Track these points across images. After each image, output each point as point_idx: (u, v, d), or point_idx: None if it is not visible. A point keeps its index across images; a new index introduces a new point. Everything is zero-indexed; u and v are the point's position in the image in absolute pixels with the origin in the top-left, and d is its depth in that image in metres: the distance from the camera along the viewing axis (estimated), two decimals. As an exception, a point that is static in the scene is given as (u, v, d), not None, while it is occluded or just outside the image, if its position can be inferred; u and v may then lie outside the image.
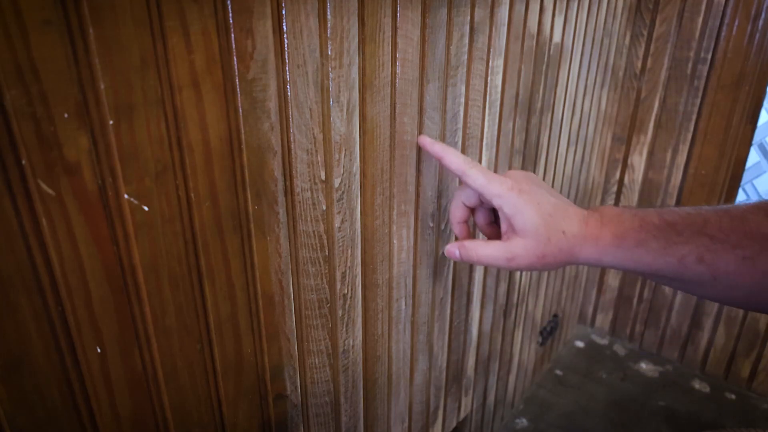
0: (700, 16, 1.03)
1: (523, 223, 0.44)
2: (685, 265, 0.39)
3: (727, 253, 0.38)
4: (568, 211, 0.45)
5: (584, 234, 0.43)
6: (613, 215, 0.43)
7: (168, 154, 0.32)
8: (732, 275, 0.38)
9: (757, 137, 1.07)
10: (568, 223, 0.44)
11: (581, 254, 0.44)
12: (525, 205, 0.44)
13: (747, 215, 0.38)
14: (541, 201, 0.45)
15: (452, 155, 0.47)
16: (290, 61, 0.37)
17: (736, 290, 0.38)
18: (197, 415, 0.39)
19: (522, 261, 0.45)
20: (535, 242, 0.44)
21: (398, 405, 0.65)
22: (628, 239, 0.41)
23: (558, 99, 0.85)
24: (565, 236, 0.44)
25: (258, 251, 0.40)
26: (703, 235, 0.39)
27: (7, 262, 0.26)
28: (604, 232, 0.43)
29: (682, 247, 0.39)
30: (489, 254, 0.46)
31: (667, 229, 0.40)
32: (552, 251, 0.44)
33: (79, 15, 0.26)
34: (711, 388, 1.19)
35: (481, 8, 0.57)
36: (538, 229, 0.44)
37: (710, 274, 0.39)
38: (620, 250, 0.42)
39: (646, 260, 0.41)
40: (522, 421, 1.07)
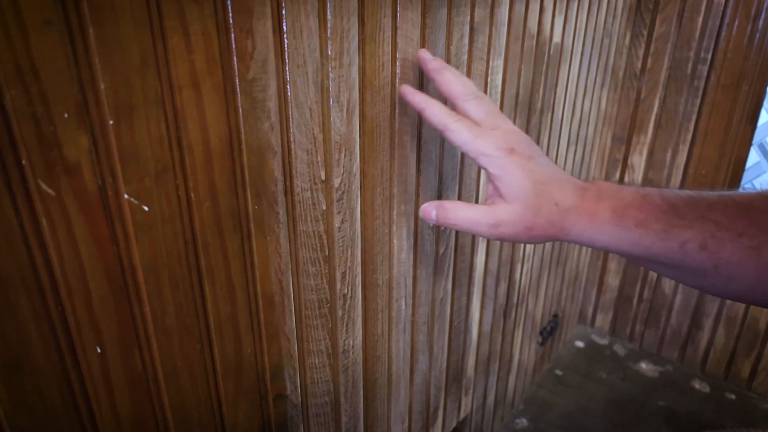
0: (700, 16, 1.03)
1: (510, 187, 0.40)
2: (686, 252, 0.36)
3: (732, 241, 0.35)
4: (563, 181, 0.41)
5: (579, 207, 0.40)
6: (612, 191, 0.40)
7: (168, 154, 0.32)
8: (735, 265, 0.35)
9: (757, 137, 1.07)
10: (562, 194, 0.40)
11: (573, 229, 0.40)
12: (515, 169, 0.40)
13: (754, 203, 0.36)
14: (533, 168, 0.40)
15: (434, 106, 0.43)
16: (290, 61, 0.37)
17: (735, 282, 0.36)
18: (197, 415, 0.39)
19: (507, 229, 0.40)
20: (523, 210, 0.40)
21: (398, 405, 0.65)
22: (627, 218, 0.38)
23: (558, 99, 0.85)
24: (557, 208, 0.40)
25: (258, 251, 0.40)
26: (708, 221, 0.36)
27: (7, 262, 0.26)
28: (602, 207, 0.39)
29: (685, 232, 0.36)
30: (470, 217, 0.42)
31: (670, 211, 0.37)
32: (541, 223, 0.40)
33: (79, 15, 0.26)
34: (711, 388, 1.19)
35: (481, 8, 0.57)
36: (528, 197, 0.40)
37: (712, 262, 0.36)
38: (617, 228, 0.38)
39: (645, 243, 0.38)
40: (522, 421, 1.07)
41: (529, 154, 0.41)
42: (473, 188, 0.67)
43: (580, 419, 1.08)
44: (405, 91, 0.46)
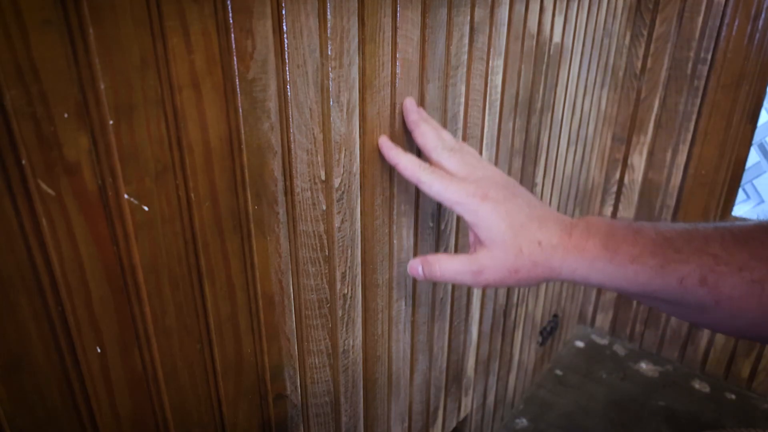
0: (700, 16, 1.03)
1: (488, 232, 0.39)
2: (685, 287, 0.35)
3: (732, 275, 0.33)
4: (546, 220, 0.40)
5: (566, 245, 0.38)
6: (602, 225, 0.39)
7: (168, 154, 0.32)
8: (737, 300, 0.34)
9: (757, 137, 1.07)
10: (545, 233, 0.39)
11: (563, 268, 0.38)
12: (490, 213, 0.39)
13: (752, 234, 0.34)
14: (511, 209, 0.40)
15: (406, 161, 0.43)
16: (290, 61, 0.37)
17: (739, 318, 0.34)
18: (197, 415, 0.39)
19: (491, 275, 0.40)
20: (504, 253, 0.39)
21: (398, 405, 0.65)
22: (620, 253, 0.36)
23: (558, 99, 0.85)
24: (541, 247, 0.38)
25: (258, 251, 0.40)
26: (706, 254, 0.34)
27: (7, 262, 0.26)
28: (592, 243, 0.38)
29: (683, 266, 0.35)
30: (454, 268, 0.41)
31: (665, 245, 0.36)
32: (525, 264, 0.39)
33: (79, 15, 0.26)
34: (711, 388, 1.19)
35: (481, 8, 0.57)
36: (506, 239, 0.39)
37: (713, 298, 0.34)
38: (611, 265, 0.37)
39: (642, 279, 0.36)
40: (522, 421, 1.08)
41: (504, 197, 0.41)
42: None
43: (580, 419, 1.08)
44: (382, 144, 0.46)
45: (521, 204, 0.41)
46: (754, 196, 1.94)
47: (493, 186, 0.41)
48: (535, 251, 0.39)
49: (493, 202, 0.40)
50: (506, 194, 0.41)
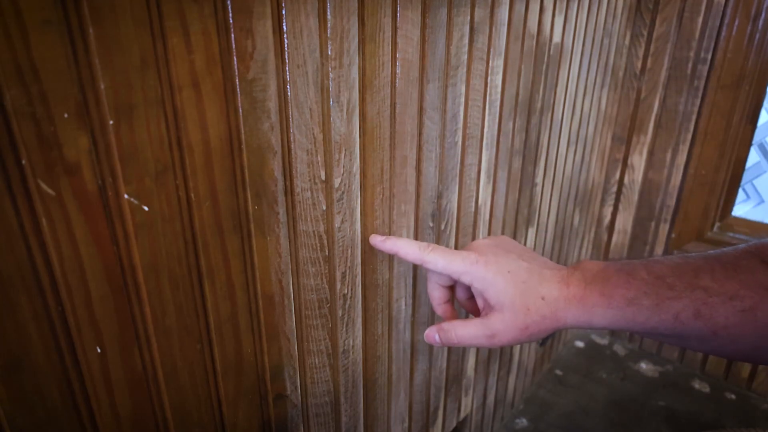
0: (700, 16, 1.03)
1: (496, 296, 0.41)
2: (681, 322, 0.37)
3: (724, 305, 0.35)
4: (544, 273, 0.42)
5: (566, 296, 0.40)
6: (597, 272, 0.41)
7: (168, 154, 0.32)
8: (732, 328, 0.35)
9: (757, 137, 1.07)
10: (546, 287, 0.41)
11: (568, 317, 0.41)
12: (495, 277, 0.42)
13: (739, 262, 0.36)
14: (512, 268, 0.42)
15: (406, 246, 0.45)
16: (290, 61, 0.37)
17: (739, 343, 0.36)
18: (197, 415, 0.39)
19: (504, 337, 0.42)
20: (514, 314, 0.41)
21: (398, 405, 0.65)
22: (616, 298, 0.39)
23: (558, 99, 0.85)
24: (545, 301, 0.41)
25: (258, 251, 0.40)
26: (697, 288, 0.36)
27: (7, 262, 0.26)
28: (589, 292, 0.40)
29: (676, 303, 0.37)
30: (469, 334, 0.43)
31: (657, 284, 0.37)
32: (534, 320, 0.41)
33: (79, 15, 0.26)
34: (711, 388, 1.19)
35: (481, 8, 0.57)
36: (514, 300, 0.41)
37: (709, 329, 0.36)
38: (610, 310, 0.39)
39: (639, 319, 0.38)
40: (522, 421, 1.08)
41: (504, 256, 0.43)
42: (473, 188, 0.67)
43: (580, 419, 1.08)
44: (375, 241, 0.48)
45: (516, 259, 0.43)
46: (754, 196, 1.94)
47: (487, 248, 0.44)
48: (542, 306, 0.41)
49: (494, 265, 0.42)
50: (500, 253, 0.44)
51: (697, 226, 1.15)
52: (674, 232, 1.18)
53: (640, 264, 0.40)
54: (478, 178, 0.68)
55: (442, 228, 0.62)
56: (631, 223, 1.23)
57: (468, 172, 0.65)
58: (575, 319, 0.40)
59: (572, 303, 0.40)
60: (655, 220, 1.20)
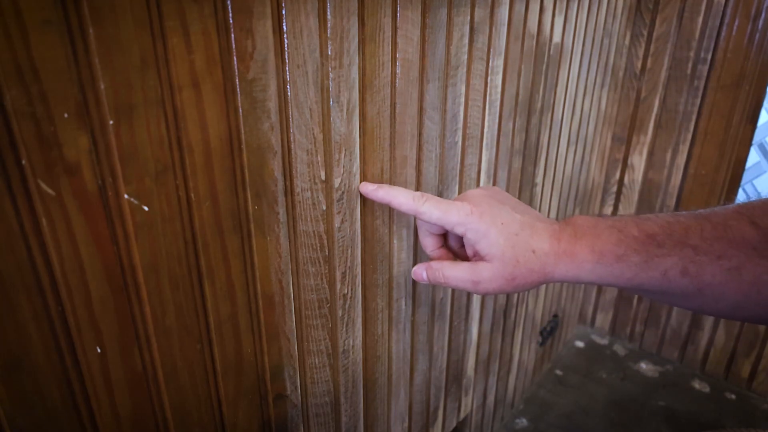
0: (700, 16, 1.03)
1: (488, 246, 0.42)
2: (668, 279, 0.37)
3: (711, 264, 0.36)
4: (536, 226, 0.42)
5: (557, 251, 0.41)
6: (588, 227, 0.41)
7: (168, 154, 0.32)
8: (718, 287, 0.36)
9: (757, 137, 1.07)
10: (537, 241, 0.41)
11: (556, 272, 0.41)
12: (488, 228, 0.42)
13: (728, 222, 0.36)
14: (505, 220, 0.42)
15: (400, 196, 0.44)
16: (290, 61, 0.37)
17: (722, 302, 0.37)
18: (197, 415, 0.39)
19: (489, 285, 0.42)
20: (503, 265, 0.41)
21: (398, 405, 0.65)
22: (606, 254, 0.39)
23: (558, 99, 0.85)
24: (535, 255, 0.41)
25: (258, 251, 0.40)
26: (686, 246, 0.37)
27: (7, 262, 0.26)
28: (580, 247, 0.40)
29: (665, 260, 0.37)
30: (456, 276, 0.44)
31: (647, 241, 0.38)
32: (522, 272, 0.41)
33: (79, 15, 0.26)
34: (711, 388, 1.19)
35: (481, 8, 0.57)
36: (505, 252, 0.41)
37: (695, 286, 0.37)
38: (599, 265, 0.39)
39: (627, 275, 0.39)
40: (522, 421, 1.07)
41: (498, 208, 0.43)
42: (473, 188, 0.67)
43: (580, 419, 1.08)
44: (366, 190, 0.47)
45: (510, 211, 0.43)
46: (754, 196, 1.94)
47: (482, 199, 0.44)
48: (531, 259, 0.41)
49: (488, 216, 0.42)
50: (495, 204, 0.43)
51: (697, 226, 1.15)
52: (674, 232, 1.18)
53: (631, 220, 0.40)
54: (478, 178, 0.68)
55: (442, 228, 0.62)
56: (631, 223, 1.23)
57: (468, 172, 0.65)
58: (563, 273, 0.41)
59: (562, 258, 0.41)
60: (655, 220, 1.20)
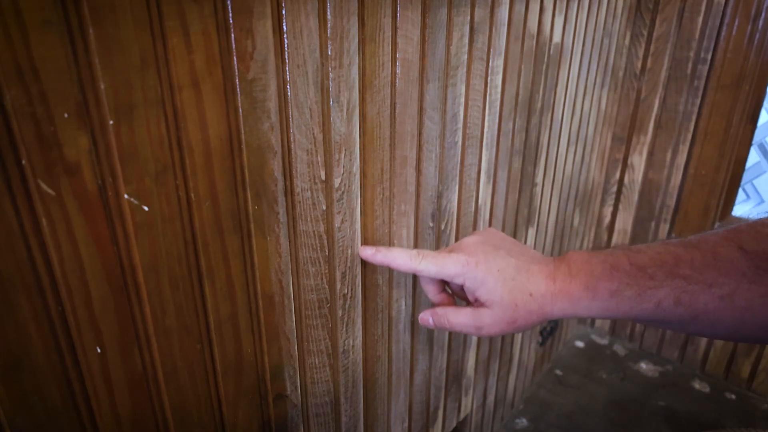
0: (700, 16, 1.03)
1: (486, 294, 0.43)
2: (663, 309, 0.38)
3: (703, 293, 0.37)
4: (532, 269, 0.44)
5: (553, 291, 0.42)
6: (581, 264, 0.42)
7: (168, 154, 0.32)
8: (712, 314, 0.37)
9: (757, 137, 1.07)
10: (534, 283, 0.43)
11: (554, 311, 0.43)
12: (485, 276, 0.43)
13: (717, 249, 0.37)
14: (501, 266, 0.44)
15: (398, 258, 0.46)
16: (290, 61, 0.37)
17: (718, 326, 0.38)
18: (197, 415, 0.39)
19: (491, 329, 0.44)
20: (502, 310, 0.43)
21: (398, 405, 0.65)
22: (600, 290, 0.40)
23: (558, 99, 0.85)
24: (532, 297, 0.43)
25: (258, 251, 0.40)
26: (677, 277, 0.38)
27: (7, 262, 0.26)
28: (574, 285, 0.42)
29: (657, 292, 0.38)
30: (459, 321, 0.46)
31: (639, 274, 0.39)
32: (521, 315, 0.43)
33: (79, 15, 0.26)
34: (711, 388, 1.19)
35: (481, 8, 0.57)
36: (503, 297, 0.43)
37: (690, 315, 0.38)
38: (594, 302, 0.41)
39: (623, 309, 0.40)
40: (522, 421, 1.08)
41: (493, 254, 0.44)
42: (473, 188, 0.67)
43: (580, 419, 1.08)
44: (365, 254, 0.49)
45: (505, 255, 0.45)
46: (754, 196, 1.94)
47: (477, 247, 0.45)
48: (529, 302, 0.43)
49: (484, 264, 0.44)
50: (489, 251, 0.45)
51: (697, 226, 1.15)
52: (674, 232, 1.18)
53: (622, 254, 0.41)
54: (478, 178, 0.68)
55: (442, 228, 0.62)
56: (631, 223, 1.23)
57: (468, 172, 0.65)
58: (562, 311, 0.42)
59: (558, 297, 0.42)
60: (655, 220, 1.20)
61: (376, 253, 0.48)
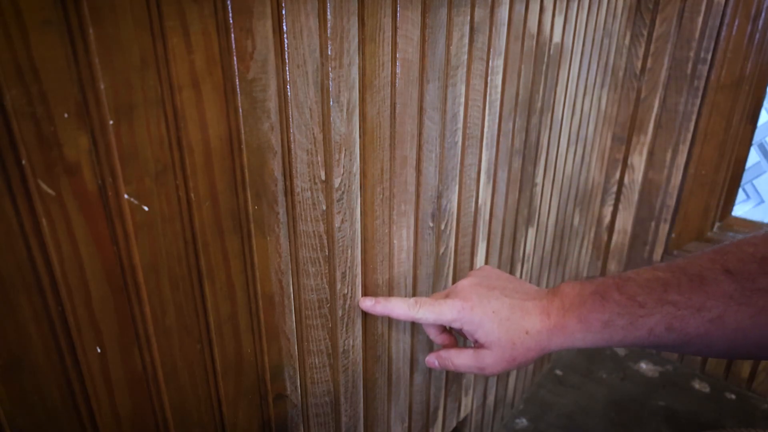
0: (700, 16, 1.03)
1: (484, 336, 0.45)
2: (655, 335, 0.39)
3: (693, 317, 0.37)
4: (526, 306, 0.45)
5: (548, 326, 0.44)
6: (574, 297, 0.44)
7: (168, 154, 0.32)
8: (704, 337, 0.38)
9: (757, 137, 1.07)
10: (529, 321, 0.44)
11: (552, 345, 0.44)
12: (481, 319, 0.45)
13: (704, 273, 0.38)
14: (495, 307, 0.45)
15: (396, 308, 0.48)
16: (290, 61, 0.37)
17: (713, 347, 0.38)
18: (197, 415, 0.39)
19: (494, 369, 0.46)
20: (501, 350, 0.45)
21: (398, 405, 0.65)
22: (593, 322, 0.42)
23: (558, 99, 0.85)
24: (529, 335, 0.44)
25: (258, 251, 0.40)
26: (666, 303, 0.39)
27: (7, 262, 0.26)
28: (568, 319, 0.43)
29: (649, 319, 0.39)
30: (463, 363, 0.48)
31: (629, 304, 0.40)
32: (520, 352, 0.45)
33: (79, 15, 0.26)
34: (711, 388, 1.19)
35: (481, 8, 0.57)
36: (500, 338, 0.44)
37: (683, 339, 0.39)
38: (589, 334, 0.42)
39: (616, 338, 0.41)
40: (522, 421, 1.08)
41: (487, 297, 0.46)
42: (473, 188, 0.67)
43: (580, 419, 1.08)
44: (365, 306, 0.50)
45: (499, 296, 0.46)
46: (754, 196, 1.94)
47: (471, 290, 0.47)
48: (525, 339, 0.44)
49: (479, 308, 0.45)
50: (483, 292, 0.47)
51: (697, 226, 1.15)
52: (674, 232, 1.18)
53: (613, 283, 0.42)
54: (478, 178, 0.68)
55: (442, 228, 0.62)
56: (631, 223, 1.23)
57: (468, 172, 0.65)
58: (559, 345, 0.44)
59: (554, 332, 0.44)
60: (655, 220, 1.20)
61: (375, 305, 0.50)
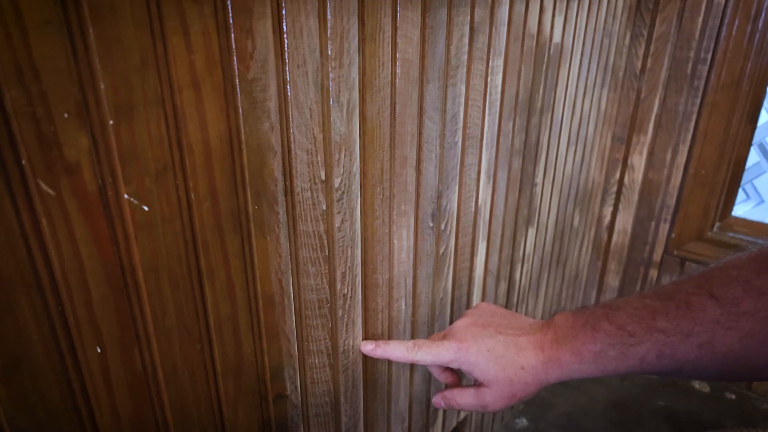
0: (700, 16, 1.03)
1: (482, 374, 0.46)
2: (648, 363, 0.40)
3: (682, 344, 0.38)
4: (520, 342, 0.46)
5: (543, 361, 0.45)
6: (566, 329, 0.45)
7: (168, 154, 0.32)
8: (696, 362, 0.38)
9: (757, 137, 1.07)
10: (523, 357, 0.46)
11: (548, 378, 0.45)
12: (477, 359, 0.46)
13: (690, 299, 0.38)
14: (490, 346, 0.46)
15: (395, 351, 0.49)
16: (290, 61, 0.37)
17: (707, 372, 0.39)
18: (197, 415, 0.39)
19: (496, 406, 0.47)
20: (499, 387, 0.46)
21: (398, 405, 0.65)
22: (585, 354, 0.43)
23: (558, 99, 0.85)
24: (525, 370, 0.45)
25: (258, 251, 0.40)
26: (655, 331, 0.39)
27: (7, 262, 0.26)
28: (562, 352, 0.44)
29: (639, 348, 0.40)
30: (466, 402, 0.49)
31: (620, 334, 0.41)
32: (519, 388, 0.46)
33: (79, 15, 0.26)
34: (711, 388, 1.19)
35: (481, 8, 0.57)
36: (498, 375, 0.46)
37: (675, 366, 0.39)
38: (582, 365, 0.43)
39: (609, 368, 0.42)
40: (522, 421, 1.08)
41: (482, 336, 0.47)
42: (473, 188, 0.67)
43: (580, 419, 1.08)
44: (366, 350, 0.52)
45: (493, 333, 0.48)
46: (754, 196, 1.94)
47: (466, 330, 0.48)
48: (522, 375, 0.46)
49: (474, 348, 0.47)
50: (478, 331, 0.48)
51: (697, 226, 1.15)
52: (674, 232, 1.18)
53: (603, 313, 0.44)
54: (478, 178, 0.68)
55: (442, 228, 0.62)
56: (631, 223, 1.23)
57: (468, 172, 0.65)
58: (556, 377, 0.45)
59: (549, 366, 0.45)
60: (655, 220, 1.20)
61: (375, 348, 0.51)
